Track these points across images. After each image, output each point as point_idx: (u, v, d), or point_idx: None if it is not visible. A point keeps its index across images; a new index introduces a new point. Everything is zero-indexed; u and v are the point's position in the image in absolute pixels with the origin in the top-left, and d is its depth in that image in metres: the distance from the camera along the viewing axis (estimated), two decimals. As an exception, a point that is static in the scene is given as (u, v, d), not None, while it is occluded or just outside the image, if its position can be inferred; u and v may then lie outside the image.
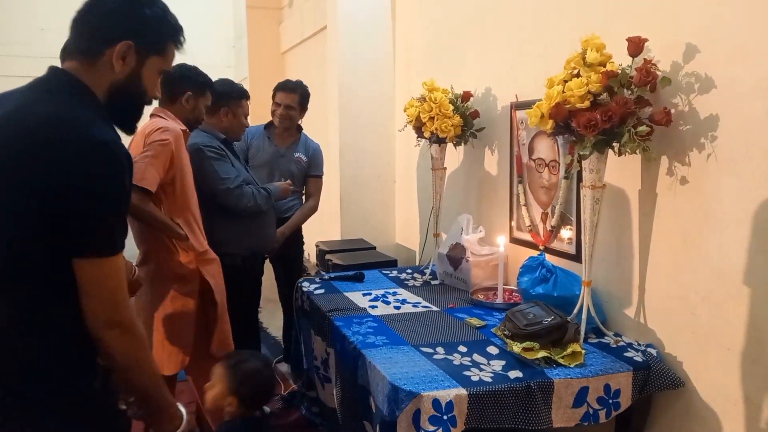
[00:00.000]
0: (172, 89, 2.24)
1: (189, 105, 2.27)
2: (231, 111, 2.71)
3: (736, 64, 1.60)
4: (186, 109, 2.27)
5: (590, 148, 1.77)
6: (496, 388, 1.64)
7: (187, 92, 2.26)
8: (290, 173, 3.17)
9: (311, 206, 3.25)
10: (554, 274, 2.12)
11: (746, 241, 1.61)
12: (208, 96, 2.36)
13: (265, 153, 3.21)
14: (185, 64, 2.30)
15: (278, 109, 3.17)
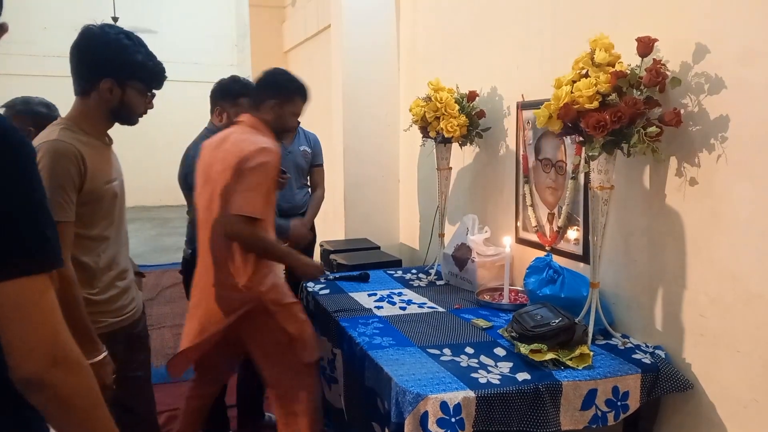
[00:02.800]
0: (257, 96, 2.16)
1: (273, 113, 2.14)
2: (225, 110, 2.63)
3: (747, 65, 1.59)
4: (271, 117, 2.14)
5: (599, 149, 1.75)
6: (505, 391, 1.63)
7: (271, 100, 2.13)
8: (299, 167, 3.15)
9: (320, 195, 3.24)
10: (561, 275, 2.10)
11: (756, 243, 1.59)
12: (297, 103, 2.21)
13: None
14: (278, 69, 2.21)
15: None
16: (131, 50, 1.63)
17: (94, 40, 1.61)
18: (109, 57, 1.61)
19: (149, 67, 1.67)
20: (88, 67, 1.62)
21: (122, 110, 1.67)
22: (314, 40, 5.48)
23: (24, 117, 2.35)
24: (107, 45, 1.61)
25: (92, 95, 1.63)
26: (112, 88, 1.62)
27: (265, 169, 1.97)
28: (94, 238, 1.65)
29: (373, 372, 1.84)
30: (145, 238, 8.01)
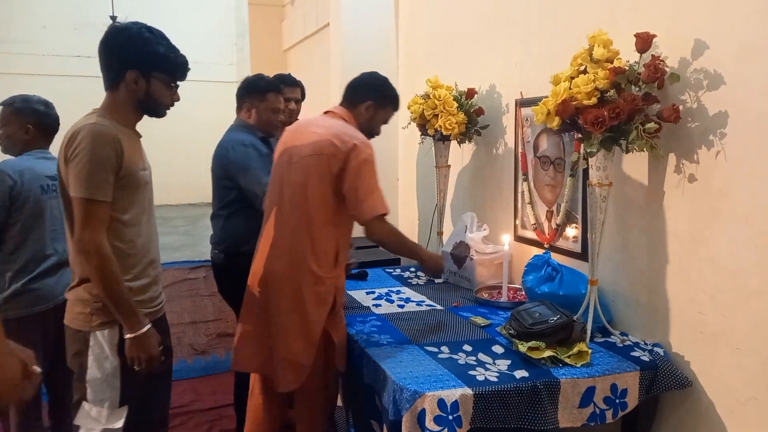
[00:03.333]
0: (354, 94, 2.14)
1: (367, 114, 2.12)
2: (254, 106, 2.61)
3: (746, 61, 1.58)
4: (363, 117, 2.12)
5: (597, 146, 1.75)
6: (502, 388, 1.62)
7: (369, 101, 2.12)
8: None
9: None
10: (560, 272, 2.10)
11: (755, 240, 1.59)
12: (389, 110, 2.21)
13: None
14: (375, 73, 2.23)
15: (289, 105, 3.10)
16: (153, 42, 1.69)
17: (117, 34, 1.69)
18: (132, 49, 1.67)
19: (171, 58, 1.72)
20: (113, 61, 1.69)
21: (148, 101, 1.72)
22: (313, 39, 5.48)
23: (23, 114, 2.32)
24: (130, 38, 1.67)
25: (120, 88, 1.70)
26: (137, 79, 1.68)
27: (373, 164, 1.95)
28: (126, 223, 1.69)
29: (371, 369, 1.83)
30: (145, 237, 8.01)
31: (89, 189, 1.57)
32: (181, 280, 5.60)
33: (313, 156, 1.94)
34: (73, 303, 1.71)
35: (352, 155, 1.89)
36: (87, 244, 1.58)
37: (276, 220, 2.00)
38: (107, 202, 1.61)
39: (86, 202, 1.58)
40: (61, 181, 1.67)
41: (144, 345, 1.68)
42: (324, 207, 1.93)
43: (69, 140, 1.61)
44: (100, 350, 1.69)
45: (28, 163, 2.27)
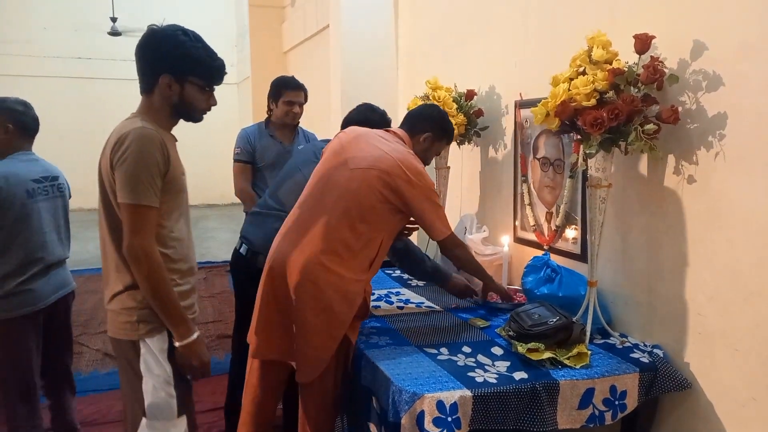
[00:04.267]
0: (414, 124, 2.20)
1: (424, 144, 2.19)
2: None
3: (745, 61, 1.58)
4: (420, 147, 2.18)
5: (596, 147, 1.74)
6: (501, 390, 1.62)
7: (428, 133, 2.18)
8: None
9: None
10: (559, 274, 2.10)
11: (754, 240, 1.58)
12: (443, 143, 2.30)
13: (271, 152, 3.15)
14: (437, 107, 2.32)
15: (293, 108, 3.09)
16: (187, 45, 1.64)
17: (151, 38, 1.65)
18: (165, 53, 1.63)
19: (207, 62, 1.68)
20: (148, 65, 1.66)
21: (183, 106, 1.69)
22: (313, 40, 5.48)
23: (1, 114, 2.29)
24: (164, 41, 1.64)
25: (155, 92, 1.66)
26: (171, 83, 1.65)
27: (434, 190, 2.05)
28: (169, 228, 1.65)
29: (369, 371, 1.83)
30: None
31: (138, 195, 1.53)
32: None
33: (373, 170, 1.96)
34: (117, 313, 1.65)
35: (416, 182, 1.96)
36: (137, 250, 1.54)
37: (312, 215, 2.00)
38: (155, 207, 1.57)
39: (135, 207, 1.54)
40: (103, 186, 1.62)
41: (196, 352, 1.64)
42: (372, 217, 1.96)
43: (115, 145, 1.56)
44: (152, 358, 1.63)
45: (13, 168, 2.26)
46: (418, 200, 1.96)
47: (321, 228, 1.95)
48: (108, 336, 1.71)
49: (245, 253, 2.45)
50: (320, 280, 1.89)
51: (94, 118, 10.64)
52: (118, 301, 1.64)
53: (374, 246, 1.97)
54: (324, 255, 1.91)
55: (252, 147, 3.15)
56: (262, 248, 2.27)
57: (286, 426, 2.63)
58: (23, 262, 2.24)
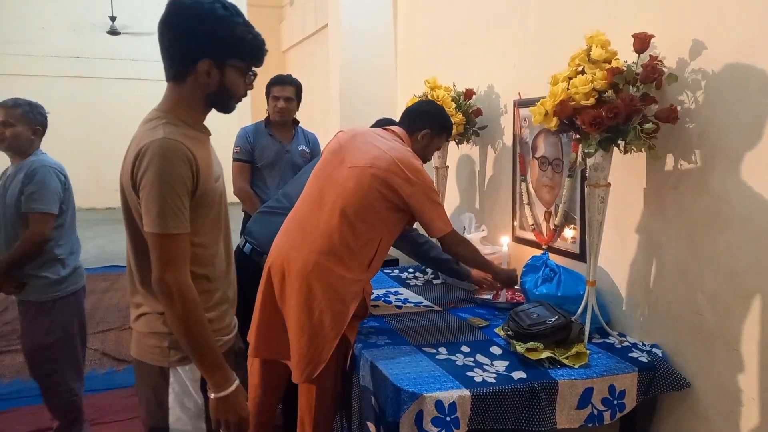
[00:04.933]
0: (412, 121, 2.19)
1: (423, 141, 2.17)
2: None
3: (744, 61, 1.58)
4: (419, 144, 2.16)
5: (595, 146, 1.74)
6: (500, 389, 1.62)
7: (426, 129, 2.17)
8: (297, 167, 3.13)
9: None
10: (558, 273, 2.10)
11: (754, 240, 1.58)
12: (443, 139, 2.28)
13: (270, 151, 3.16)
14: (433, 103, 2.32)
15: (278, 103, 3.13)
16: (229, 22, 1.35)
17: (186, 13, 1.33)
18: (205, 32, 1.33)
19: (249, 41, 1.39)
20: (182, 47, 1.35)
21: (221, 95, 1.41)
22: (312, 40, 5.48)
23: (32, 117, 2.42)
24: (202, 18, 1.32)
25: (188, 80, 1.37)
26: (211, 69, 1.36)
27: (434, 188, 2.04)
28: (205, 245, 1.43)
29: (368, 371, 1.83)
30: (143, 238, 7.99)
31: (165, 223, 1.29)
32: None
33: (371, 168, 1.95)
34: (146, 335, 1.43)
35: (414, 180, 1.95)
36: (170, 286, 1.30)
37: (311, 215, 2.00)
38: (186, 234, 1.33)
39: (163, 237, 1.29)
40: (125, 202, 1.39)
41: (233, 405, 1.39)
42: (371, 216, 1.95)
43: (135, 160, 1.30)
44: (182, 388, 1.43)
45: (58, 162, 2.46)
46: (417, 198, 1.95)
47: (320, 228, 1.94)
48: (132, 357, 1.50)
49: (249, 253, 2.44)
50: (319, 280, 1.89)
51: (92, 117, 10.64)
52: (147, 322, 1.42)
53: (373, 245, 1.97)
54: (323, 255, 1.90)
55: (251, 146, 3.16)
56: (268, 248, 2.27)
57: (285, 426, 2.62)
58: (75, 243, 2.51)
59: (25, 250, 2.29)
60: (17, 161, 2.40)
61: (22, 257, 2.30)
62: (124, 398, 3.17)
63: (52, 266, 2.37)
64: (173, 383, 1.42)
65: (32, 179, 2.30)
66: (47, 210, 2.30)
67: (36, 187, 2.29)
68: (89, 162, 10.33)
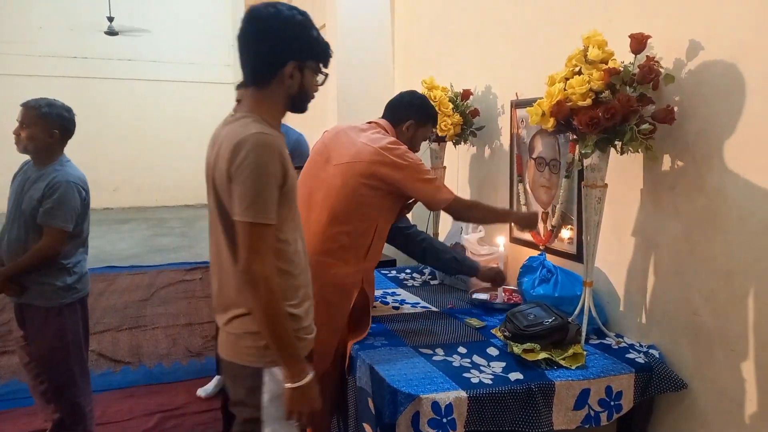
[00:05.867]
0: (395, 114, 2.19)
1: (408, 132, 2.18)
2: None
3: (740, 62, 1.58)
4: (405, 136, 2.17)
5: (592, 147, 1.74)
6: (497, 391, 1.61)
7: (410, 120, 2.17)
8: None
9: None
10: (555, 274, 2.10)
11: (750, 241, 1.58)
12: (429, 127, 2.27)
13: None
14: (414, 92, 2.29)
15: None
16: (307, 26, 1.45)
17: (271, 21, 1.41)
18: (289, 37, 1.42)
19: (322, 43, 1.48)
20: (268, 52, 1.42)
21: (301, 96, 1.49)
22: (310, 40, 5.47)
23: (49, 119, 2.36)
24: (287, 24, 1.41)
25: (272, 83, 1.44)
26: (293, 72, 1.44)
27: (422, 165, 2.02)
28: (288, 242, 1.47)
29: (364, 372, 1.82)
30: (141, 239, 7.97)
31: (257, 212, 1.34)
32: (177, 282, 5.58)
33: (356, 163, 1.97)
34: (240, 336, 1.45)
35: (401, 163, 1.95)
36: (257, 275, 1.34)
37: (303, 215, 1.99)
38: (273, 225, 1.38)
39: (253, 226, 1.34)
40: (217, 198, 1.42)
41: (307, 396, 1.42)
42: (362, 209, 1.97)
43: (232, 154, 1.35)
44: (277, 387, 1.44)
45: (81, 173, 2.46)
46: (409, 180, 1.95)
47: (311, 228, 1.96)
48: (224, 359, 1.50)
49: None
50: (317, 279, 1.88)
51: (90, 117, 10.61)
52: (241, 323, 1.45)
53: (368, 235, 1.99)
54: (318, 255, 1.91)
55: None
56: None
57: None
58: (86, 251, 2.54)
59: (35, 261, 2.30)
60: (40, 165, 2.37)
61: (30, 266, 2.30)
62: (120, 399, 3.16)
63: (59, 274, 2.36)
64: (268, 383, 1.45)
65: (53, 194, 2.28)
66: (63, 227, 2.31)
67: (56, 203, 2.28)
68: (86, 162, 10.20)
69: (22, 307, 2.39)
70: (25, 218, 2.31)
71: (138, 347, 3.94)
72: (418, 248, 2.38)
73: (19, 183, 2.37)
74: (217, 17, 10.73)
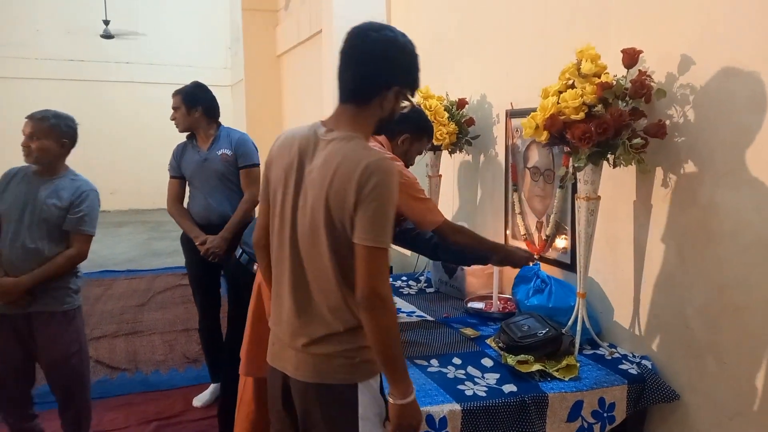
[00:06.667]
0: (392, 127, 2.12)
1: (403, 146, 2.20)
2: None
3: (731, 77, 1.59)
4: (400, 150, 2.19)
5: (585, 160, 1.75)
6: (491, 403, 1.62)
7: (405, 134, 2.19)
8: (220, 174, 3.02)
9: (247, 199, 3.02)
10: (549, 284, 2.11)
11: (742, 254, 1.60)
12: (424, 141, 2.28)
13: (190, 162, 3.07)
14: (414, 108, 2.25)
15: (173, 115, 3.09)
16: (416, 57, 1.47)
17: (387, 44, 1.42)
18: (401, 63, 1.44)
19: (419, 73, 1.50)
20: (378, 74, 1.42)
21: (388, 119, 1.50)
22: (307, 45, 5.47)
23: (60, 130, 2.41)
24: (402, 52, 1.44)
25: (373, 104, 1.44)
26: (394, 97, 1.45)
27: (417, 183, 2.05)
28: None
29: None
30: (138, 242, 7.98)
31: (382, 238, 1.34)
32: (173, 287, 5.58)
33: None
34: (331, 356, 1.42)
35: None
36: (383, 297, 1.34)
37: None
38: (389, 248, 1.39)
39: (378, 251, 1.34)
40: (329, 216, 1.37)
41: (413, 411, 1.42)
42: None
43: (361, 178, 1.33)
44: (369, 401, 1.44)
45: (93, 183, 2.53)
46: (402, 197, 1.92)
47: None
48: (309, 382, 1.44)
49: (246, 263, 2.43)
50: None
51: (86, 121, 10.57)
52: (335, 342, 1.42)
53: None
54: None
55: (177, 161, 3.11)
56: None
57: None
58: None
59: (67, 268, 2.38)
60: (48, 175, 2.39)
61: (58, 274, 2.35)
62: (117, 407, 3.16)
63: (70, 277, 2.43)
64: (361, 397, 1.43)
65: (83, 202, 2.39)
66: (92, 233, 2.43)
67: (87, 210, 2.39)
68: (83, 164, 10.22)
69: (31, 316, 2.35)
70: (47, 227, 2.33)
71: (135, 353, 3.95)
72: (429, 245, 2.36)
73: (24, 192, 2.35)
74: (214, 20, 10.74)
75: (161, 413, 3.09)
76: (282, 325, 1.49)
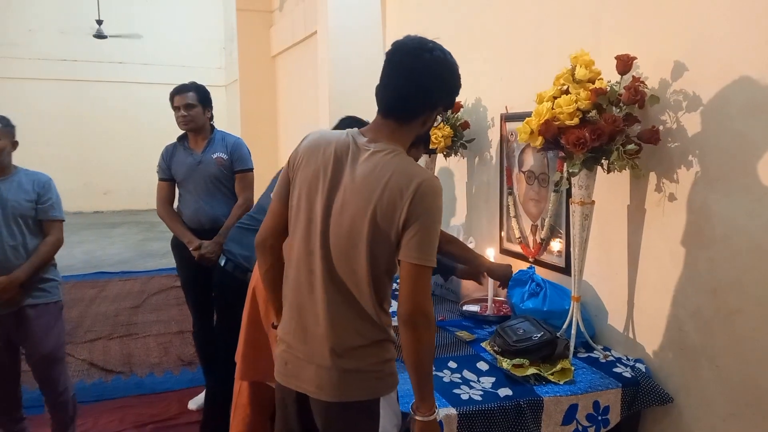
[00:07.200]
0: None
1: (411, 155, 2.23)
2: None
3: (724, 83, 1.61)
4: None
5: (579, 166, 1.77)
6: (486, 407, 1.63)
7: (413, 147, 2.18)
8: (214, 177, 2.98)
9: (241, 204, 2.99)
10: (544, 288, 2.12)
11: (734, 258, 1.61)
12: (421, 149, 2.30)
13: (182, 165, 3.02)
14: None
15: (179, 112, 2.98)
16: (459, 74, 1.47)
17: (440, 66, 1.42)
18: (450, 86, 1.45)
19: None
20: (428, 94, 1.42)
21: (424, 137, 1.58)
22: (301, 46, 5.47)
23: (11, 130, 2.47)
24: (452, 74, 1.45)
25: (417, 120, 1.44)
26: (435, 116, 1.48)
27: None
28: None
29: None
30: (132, 243, 7.94)
31: (430, 257, 1.35)
32: (168, 288, 5.57)
33: None
34: (360, 371, 1.41)
35: None
36: (428, 314, 1.35)
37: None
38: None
39: (426, 269, 1.35)
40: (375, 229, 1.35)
41: (435, 427, 1.44)
42: None
43: (416, 195, 1.33)
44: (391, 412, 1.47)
45: None
46: None
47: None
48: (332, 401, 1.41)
49: (232, 270, 2.40)
50: None
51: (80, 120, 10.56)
52: (364, 355, 1.41)
53: None
54: None
55: (167, 163, 3.07)
56: (250, 263, 2.26)
57: None
58: None
59: (52, 254, 2.49)
60: (3, 174, 2.44)
61: (45, 262, 2.46)
62: (112, 410, 3.16)
63: (52, 269, 2.55)
64: (382, 411, 1.45)
65: (48, 191, 2.50)
66: (63, 218, 2.55)
67: (54, 197, 2.51)
68: (77, 164, 10.26)
69: (23, 311, 2.42)
70: (24, 221, 2.41)
71: (129, 356, 3.94)
72: None
73: None
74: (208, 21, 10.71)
75: (156, 416, 3.09)
76: (304, 337, 1.44)
